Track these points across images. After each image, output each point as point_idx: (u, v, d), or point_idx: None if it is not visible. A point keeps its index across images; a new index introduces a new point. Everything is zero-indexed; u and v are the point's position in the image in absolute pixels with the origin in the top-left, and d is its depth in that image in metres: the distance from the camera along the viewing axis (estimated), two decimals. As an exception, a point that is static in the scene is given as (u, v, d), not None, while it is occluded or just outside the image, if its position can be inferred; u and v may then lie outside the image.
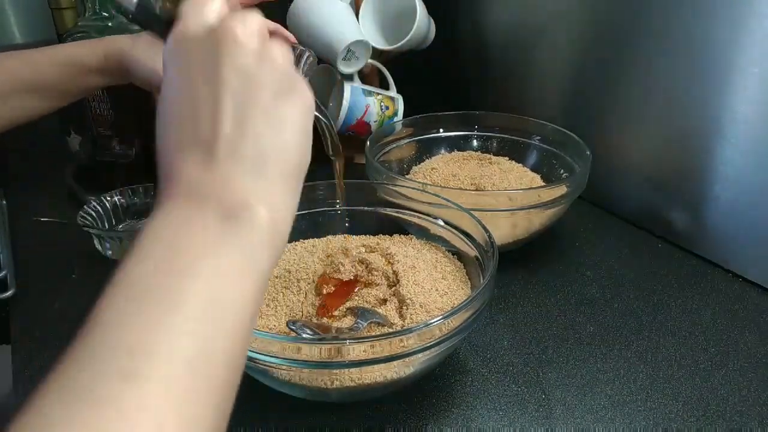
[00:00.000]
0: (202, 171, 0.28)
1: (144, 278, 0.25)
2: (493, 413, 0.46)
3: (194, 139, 0.28)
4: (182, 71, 0.29)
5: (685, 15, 0.61)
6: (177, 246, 0.26)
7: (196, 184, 0.27)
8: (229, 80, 0.28)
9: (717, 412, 0.46)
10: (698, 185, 0.64)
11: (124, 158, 0.77)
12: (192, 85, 0.29)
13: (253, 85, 0.29)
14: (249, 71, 0.29)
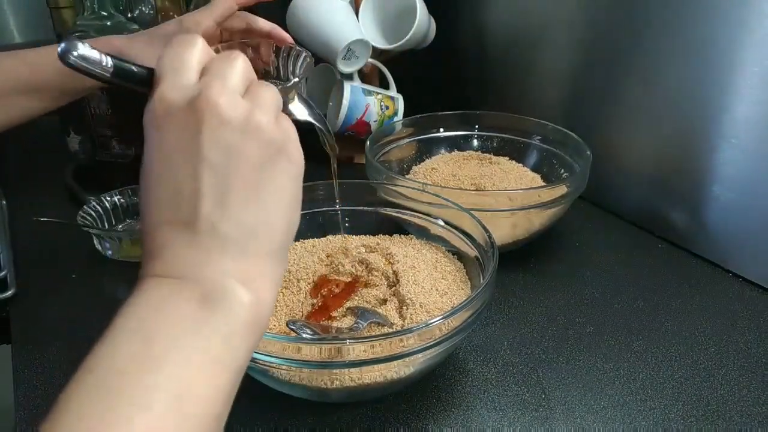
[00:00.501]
0: (182, 249, 0.27)
1: (116, 367, 0.24)
2: (493, 413, 0.46)
3: (175, 217, 0.27)
4: (162, 146, 0.28)
5: (686, 15, 0.61)
6: (150, 333, 0.25)
7: (176, 263, 0.27)
8: (210, 157, 0.27)
9: (717, 412, 0.46)
10: (698, 185, 0.64)
11: (123, 158, 0.77)
12: (172, 161, 0.27)
13: (235, 159, 0.27)
14: (231, 145, 0.27)
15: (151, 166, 0.28)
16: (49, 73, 0.55)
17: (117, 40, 0.55)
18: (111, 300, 0.62)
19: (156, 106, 0.28)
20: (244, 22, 0.57)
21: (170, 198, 0.28)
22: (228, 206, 0.27)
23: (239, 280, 0.27)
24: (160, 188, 0.28)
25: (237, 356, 0.27)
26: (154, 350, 0.24)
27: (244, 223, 0.28)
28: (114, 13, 0.71)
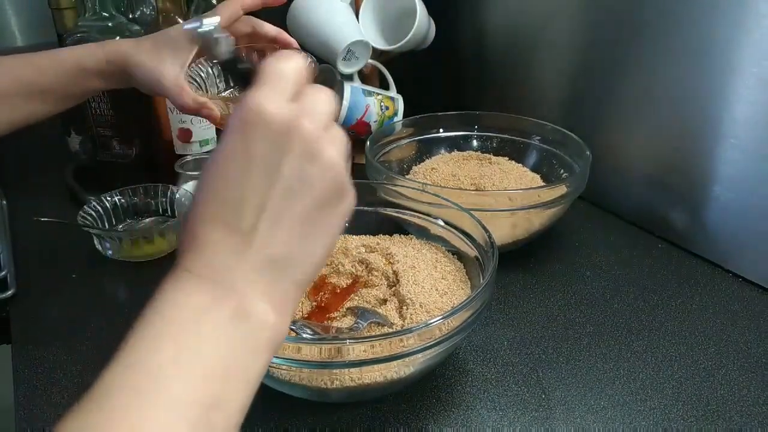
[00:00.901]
0: (227, 255, 0.27)
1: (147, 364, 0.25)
2: (493, 413, 0.46)
3: (231, 222, 0.28)
4: (243, 151, 0.28)
5: (685, 15, 0.61)
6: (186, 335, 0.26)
7: (218, 267, 0.27)
8: (288, 180, 0.28)
9: (717, 412, 0.46)
10: (698, 185, 0.64)
11: (124, 158, 0.77)
12: (249, 169, 0.28)
13: (308, 191, 0.28)
14: (309, 177, 0.28)
15: (225, 165, 0.28)
16: (52, 76, 0.55)
17: (124, 43, 0.55)
18: (111, 300, 0.62)
19: (250, 112, 0.28)
20: (249, 26, 0.57)
21: (234, 202, 0.28)
22: (283, 230, 0.28)
23: (270, 302, 0.28)
24: (226, 189, 0.28)
25: (257, 372, 0.27)
26: (184, 356, 0.25)
27: (291, 252, 0.29)
28: (115, 14, 0.71)
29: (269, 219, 0.28)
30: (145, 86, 0.54)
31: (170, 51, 0.52)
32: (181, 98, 0.52)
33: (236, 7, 0.54)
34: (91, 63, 0.54)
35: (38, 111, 0.57)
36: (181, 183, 0.71)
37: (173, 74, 0.52)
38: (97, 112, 0.74)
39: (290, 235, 0.28)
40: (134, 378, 0.24)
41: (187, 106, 0.52)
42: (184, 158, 0.73)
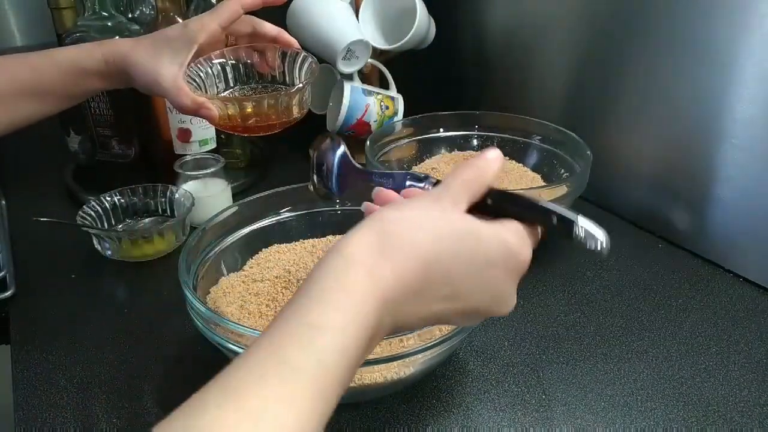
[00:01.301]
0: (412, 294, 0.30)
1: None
2: (494, 414, 0.46)
3: (425, 289, 0.30)
4: (500, 283, 0.33)
5: (686, 15, 0.61)
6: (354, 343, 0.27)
7: (396, 303, 0.29)
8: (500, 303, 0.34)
9: (718, 413, 0.46)
10: (699, 185, 0.64)
11: (123, 158, 0.77)
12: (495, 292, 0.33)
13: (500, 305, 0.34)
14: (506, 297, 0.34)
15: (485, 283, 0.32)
16: (51, 76, 0.55)
17: (122, 43, 0.54)
18: (110, 300, 0.62)
19: (521, 261, 0.34)
20: (250, 26, 0.56)
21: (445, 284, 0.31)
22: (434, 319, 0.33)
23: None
24: (472, 297, 0.32)
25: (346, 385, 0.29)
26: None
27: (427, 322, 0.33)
28: (114, 13, 0.71)
29: (443, 306, 0.31)
30: (144, 86, 0.54)
31: (169, 51, 0.52)
32: (179, 98, 0.51)
33: (236, 7, 0.54)
34: (90, 63, 0.54)
35: (38, 111, 0.57)
36: (181, 183, 0.71)
37: (171, 74, 0.51)
38: (96, 112, 0.74)
39: (427, 323, 0.33)
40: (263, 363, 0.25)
41: (185, 106, 0.52)
42: (184, 158, 0.72)
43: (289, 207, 0.58)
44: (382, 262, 0.28)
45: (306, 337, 0.26)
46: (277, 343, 0.25)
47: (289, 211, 0.59)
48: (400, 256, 0.29)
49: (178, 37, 0.53)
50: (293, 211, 0.59)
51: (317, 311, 0.27)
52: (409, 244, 0.29)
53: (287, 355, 0.25)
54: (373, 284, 0.28)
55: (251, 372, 0.25)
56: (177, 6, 0.71)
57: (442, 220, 0.31)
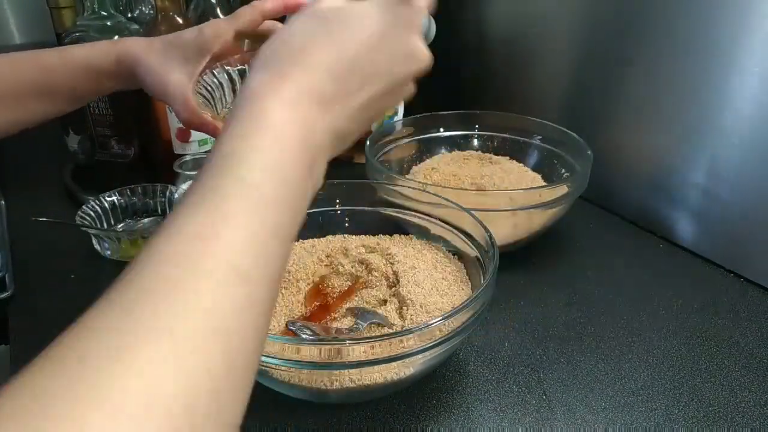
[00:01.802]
0: (316, 104, 0.30)
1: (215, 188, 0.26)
2: (494, 414, 0.46)
3: (335, 77, 0.31)
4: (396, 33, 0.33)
5: (687, 15, 0.61)
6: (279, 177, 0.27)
7: (312, 128, 0.30)
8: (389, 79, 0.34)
9: (718, 413, 0.46)
10: (700, 185, 0.64)
11: (122, 158, 0.77)
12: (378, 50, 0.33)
13: (396, 86, 0.35)
14: (402, 77, 0.35)
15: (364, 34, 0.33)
16: (62, 76, 0.53)
17: (135, 44, 0.52)
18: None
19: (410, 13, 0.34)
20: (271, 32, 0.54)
21: (351, 68, 0.32)
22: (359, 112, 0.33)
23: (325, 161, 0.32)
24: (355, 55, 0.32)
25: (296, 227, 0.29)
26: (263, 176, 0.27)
27: (352, 129, 0.33)
28: (114, 13, 0.71)
29: (365, 94, 0.32)
30: (152, 91, 0.52)
31: (180, 58, 0.50)
32: (184, 113, 0.49)
33: (255, 15, 0.51)
34: (102, 63, 0.52)
35: (48, 111, 0.55)
36: (180, 183, 0.71)
37: (181, 84, 0.49)
38: (95, 112, 0.74)
39: (366, 118, 0.34)
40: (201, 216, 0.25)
41: (188, 121, 0.50)
42: (183, 158, 0.72)
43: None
44: (285, 84, 0.30)
45: (224, 164, 0.26)
46: (198, 182, 0.26)
47: (289, 211, 0.59)
48: (299, 70, 0.30)
49: (191, 44, 0.50)
50: (293, 211, 0.59)
51: (234, 140, 0.27)
52: (302, 56, 0.31)
53: (210, 184, 0.26)
54: (284, 104, 0.29)
55: (181, 207, 0.25)
56: (176, 5, 0.71)
57: (326, 20, 0.32)
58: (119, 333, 0.20)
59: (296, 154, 0.28)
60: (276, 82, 0.29)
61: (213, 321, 0.22)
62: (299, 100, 0.29)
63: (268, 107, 0.28)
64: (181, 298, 0.21)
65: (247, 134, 0.27)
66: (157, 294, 0.21)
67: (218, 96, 0.51)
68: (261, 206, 0.26)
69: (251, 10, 0.51)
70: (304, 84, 0.30)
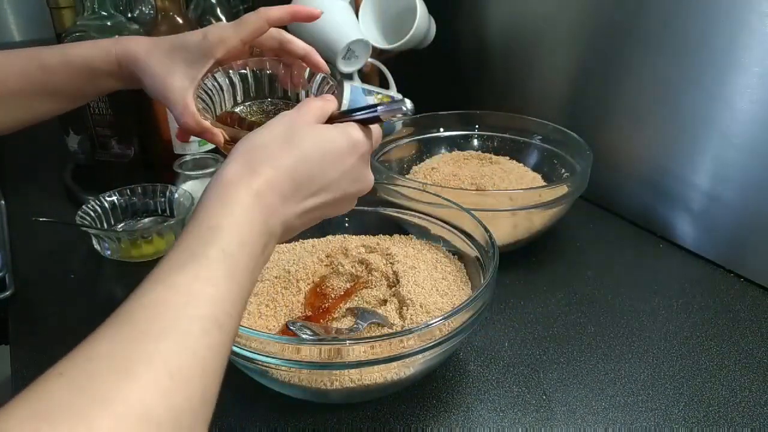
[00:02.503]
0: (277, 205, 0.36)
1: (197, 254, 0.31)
2: (494, 414, 0.46)
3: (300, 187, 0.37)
4: (346, 162, 0.39)
5: (686, 14, 0.61)
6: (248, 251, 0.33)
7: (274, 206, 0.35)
8: (344, 199, 0.40)
9: (718, 413, 0.46)
10: (699, 185, 0.64)
11: (122, 158, 0.76)
12: (338, 174, 0.39)
13: (344, 201, 0.41)
14: (349, 195, 0.41)
15: (330, 155, 0.38)
16: (62, 75, 0.52)
17: (137, 44, 0.51)
18: (110, 300, 0.62)
19: (365, 146, 0.41)
20: (277, 41, 0.51)
21: (312, 178, 0.37)
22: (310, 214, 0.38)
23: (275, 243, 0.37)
24: (319, 167, 0.38)
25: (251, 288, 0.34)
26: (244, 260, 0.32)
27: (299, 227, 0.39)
28: (114, 12, 0.71)
29: (316, 200, 0.38)
30: (152, 93, 0.50)
31: (183, 62, 0.48)
32: (183, 118, 0.48)
33: (261, 23, 0.49)
34: (103, 63, 0.51)
35: (49, 109, 0.54)
36: (180, 183, 0.71)
37: (181, 88, 0.48)
38: (95, 112, 0.74)
39: (310, 219, 0.39)
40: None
41: (187, 126, 0.48)
42: (183, 158, 0.72)
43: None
44: (255, 178, 0.34)
45: (209, 236, 0.31)
46: (185, 246, 0.31)
47: (289, 211, 0.59)
48: (268, 169, 0.35)
49: (195, 48, 0.49)
50: (293, 211, 0.59)
51: (214, 218, 0.32)
52: (272, 158, 0.36)
53: (197, 251, 0.30)
54: (253, 194, 0.34)
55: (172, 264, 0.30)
56: (176, 5, 0.71)
57: (295, 130, 0.38)
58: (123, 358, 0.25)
59: (259, 235, 0.34)
60: (248, 174, 0.35)
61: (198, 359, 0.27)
62: (264, 193, 0.34)
63: (240, 194, 0.34)
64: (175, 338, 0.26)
65: (225, 213, 0.33)
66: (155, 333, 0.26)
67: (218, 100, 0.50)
68: (237, 272, 0.31)
69: (256, 17, 0.49)
70: (270, 180, 0.35)
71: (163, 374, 0.25)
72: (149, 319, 0.27)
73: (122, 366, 0.24)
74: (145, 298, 0.28)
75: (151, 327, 0.26)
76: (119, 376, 0.24)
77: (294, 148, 0.37)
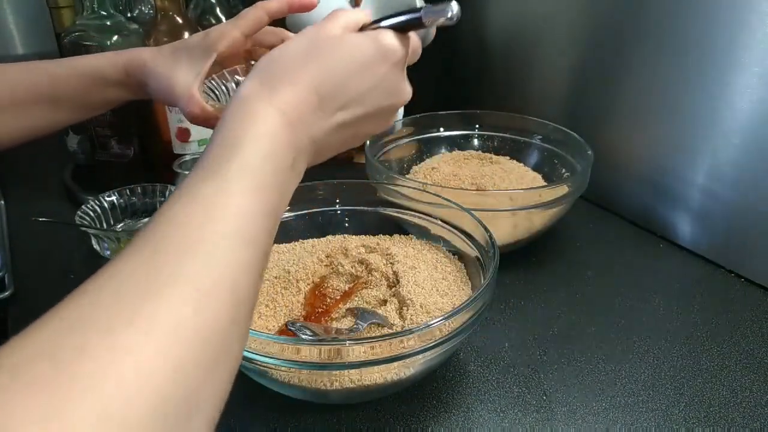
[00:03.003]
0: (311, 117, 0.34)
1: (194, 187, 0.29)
2: (494, 415, 0.46)
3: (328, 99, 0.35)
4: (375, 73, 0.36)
5: (686, 14, 0.61)
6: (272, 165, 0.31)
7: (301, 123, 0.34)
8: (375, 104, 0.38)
9: (719, 414, 0.46)
10: (699, 185, 0.64)
11: (122, 158, 0.76)
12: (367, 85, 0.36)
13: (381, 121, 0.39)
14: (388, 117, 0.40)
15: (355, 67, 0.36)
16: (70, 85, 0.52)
17: (144, 53, 0.52)
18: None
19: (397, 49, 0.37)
20: (278, 38, 0.53)
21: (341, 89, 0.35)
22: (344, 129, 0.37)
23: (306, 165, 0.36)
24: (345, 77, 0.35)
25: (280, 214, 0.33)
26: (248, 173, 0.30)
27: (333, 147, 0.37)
28: (113, 12, 0.71)
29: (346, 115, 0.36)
30: (160, 95, 0.51)
31: (187, 59, 0.49)
32: (189, 107, 0.48)
33: (260, 14, 0.50)
34: (110, 72, 0.52)
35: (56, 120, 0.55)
36: (180, 182, 0.71)
37: (186, 82, 0.49)
38: (95, 112, 0.73)
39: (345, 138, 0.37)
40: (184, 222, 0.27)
41: (194, 115, 0.49)
42: (183, 158, 0.72)
43: (289, 207, 0.58)
44: (274, 95, 0.33)
45: (228, 153, 0.30)
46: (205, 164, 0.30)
47: (289, 211, 0.59)
48: (287, 85, 0.34)
49: (197, 45, 0.50)
50: (293, 211, 0.59)
51: (232, 133, 0.31)
52: (292, 72, 0.34)
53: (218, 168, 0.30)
54: (275, 109, 0.33)
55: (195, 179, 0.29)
56: (176, 5, 0.70)
57: (318, 42, 0.35)
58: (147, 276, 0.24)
59: (284, 147, 0.32)
60: (265, 92, 0.33)
61: (227, 276, 0.26)
62: (284, 110, 0.33)
63: (259, 109, 0.32)
64: (201, 254, 0.25)
65: (245, 128, 0.31)
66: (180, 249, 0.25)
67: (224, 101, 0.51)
68: (260, 186, 0.30)
69: (255, 9, 0.50)
70: (289, 97, 0.33)
71: (189, 292, 0.24)
72: (173, 236, 0.26)
73: (145, 286, 0.24)
74: (166, 215, 0.27)
75: (175, 245, 0.26)
76: (144, 296, 0.23)
77: (316, 60, 0.35)
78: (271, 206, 0.30)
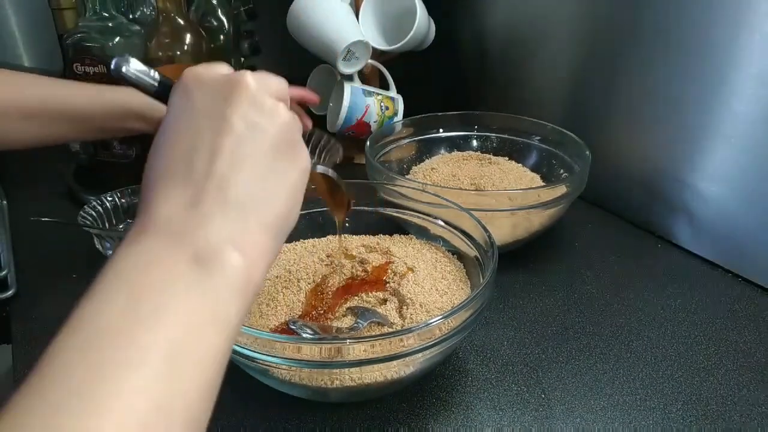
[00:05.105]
0: (183, 209, 0.27)
1: (104, 325, 0.24)
2: (493, 413, 0.46)
3: (185, 175, 0.28)
4: (187, 108, 0.30)
5: (685, 15, 0.61)
6: (141, 289, 0.25)
7: (174, 222, 0.27)
8: (235, 124, 0.29)
9: (717, 412, 0.46)
10: (698, 185, 0.64)
11: (124, 158, 0.77)
12: (195, 121, 0.29)
13: (259, 135, 0.29)
14: (256, 123, 0.30)
15: (171, 125, 0.29)
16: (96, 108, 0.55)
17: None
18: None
19: (187, 76, 0.30)
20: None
21: (184, 154, 0.28)
22: (239, 172, 0.28)
23: (234, 246, 0.27)
24: (176, 144, 0.29)
25: (229, 319, 0.26)
26: (143, 309, 0.24)
27: (251, 193, 0.29)
28: (115, 14, 0.71)
29: (225, 160, 0.28)
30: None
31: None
32: None
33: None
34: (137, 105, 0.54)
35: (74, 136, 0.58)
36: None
37: None
38: (97, 112, 0.74)
39: (248, 177, 0.29)
40: (91, 338, 0.23)
41: None
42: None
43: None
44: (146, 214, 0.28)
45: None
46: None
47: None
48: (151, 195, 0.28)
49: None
50: (293, 211, 0.59)
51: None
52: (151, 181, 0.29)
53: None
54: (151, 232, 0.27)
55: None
56: (178, 6, 0.71)
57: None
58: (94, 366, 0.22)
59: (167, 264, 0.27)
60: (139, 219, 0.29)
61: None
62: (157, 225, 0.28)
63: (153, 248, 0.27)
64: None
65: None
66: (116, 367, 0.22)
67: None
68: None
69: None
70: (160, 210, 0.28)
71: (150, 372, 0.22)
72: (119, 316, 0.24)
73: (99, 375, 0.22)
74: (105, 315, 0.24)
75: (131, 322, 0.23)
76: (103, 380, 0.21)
77: (152, 149, 0.30)
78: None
